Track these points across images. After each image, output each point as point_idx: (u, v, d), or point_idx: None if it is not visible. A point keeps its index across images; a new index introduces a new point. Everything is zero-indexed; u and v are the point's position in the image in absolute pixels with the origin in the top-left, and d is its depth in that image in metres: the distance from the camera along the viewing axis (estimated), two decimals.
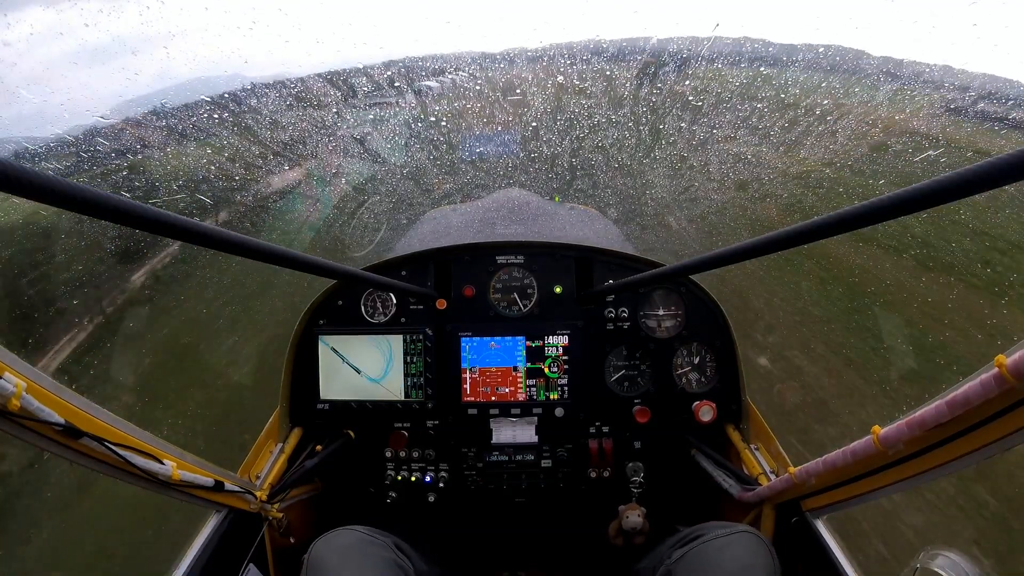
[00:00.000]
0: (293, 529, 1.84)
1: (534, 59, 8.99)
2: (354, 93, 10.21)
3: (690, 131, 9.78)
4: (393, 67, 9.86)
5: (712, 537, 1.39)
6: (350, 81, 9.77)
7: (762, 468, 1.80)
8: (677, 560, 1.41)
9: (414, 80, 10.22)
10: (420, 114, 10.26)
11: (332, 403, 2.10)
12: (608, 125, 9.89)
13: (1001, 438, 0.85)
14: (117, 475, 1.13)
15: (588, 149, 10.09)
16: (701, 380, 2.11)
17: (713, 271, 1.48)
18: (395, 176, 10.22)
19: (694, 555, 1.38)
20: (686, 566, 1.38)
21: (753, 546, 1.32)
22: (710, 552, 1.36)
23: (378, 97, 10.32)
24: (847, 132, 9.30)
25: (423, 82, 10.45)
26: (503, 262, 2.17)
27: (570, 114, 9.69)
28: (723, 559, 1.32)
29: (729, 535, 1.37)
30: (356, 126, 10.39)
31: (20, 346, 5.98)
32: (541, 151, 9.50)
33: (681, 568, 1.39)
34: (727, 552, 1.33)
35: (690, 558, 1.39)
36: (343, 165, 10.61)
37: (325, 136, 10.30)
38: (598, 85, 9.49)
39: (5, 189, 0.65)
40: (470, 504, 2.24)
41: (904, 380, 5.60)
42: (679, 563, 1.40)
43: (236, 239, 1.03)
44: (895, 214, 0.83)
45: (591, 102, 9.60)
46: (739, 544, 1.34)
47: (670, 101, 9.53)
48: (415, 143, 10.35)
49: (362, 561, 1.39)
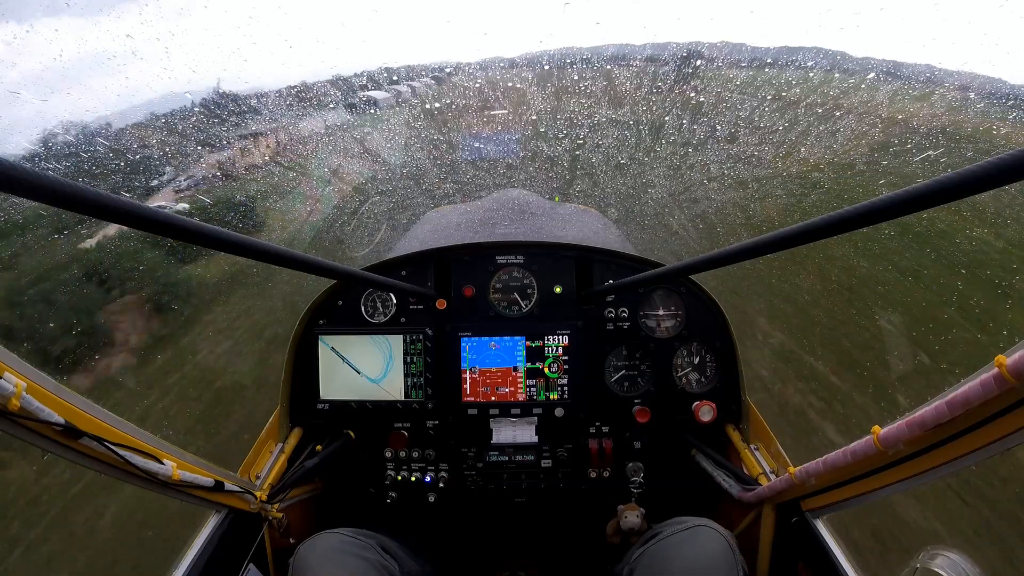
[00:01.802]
0: (293, 529, 1.84)
1: (533, 61, 9.03)
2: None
3: (690, 130, 9.79)
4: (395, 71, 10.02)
5: (669, 534, 1.39)
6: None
7: (762, 468, 1.80)
8: (637, 559, 1.42)
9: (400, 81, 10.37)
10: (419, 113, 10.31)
11: (332, 403, 2.10)
12: (608, 125, 9.90)
13: (1001, 438, 0.85)
14: (117, 475, 1.13)
15: (588, 149, 10.11)
16: (701, 380, 2.11)
17: (713, 271, 1.48)
18: (395, 176, 10.24)
19: (652, 553, 1.39)
20: (645, 565, 1.38)
21: (712, 540, 1.33)
22: (668, 549, 1.36)
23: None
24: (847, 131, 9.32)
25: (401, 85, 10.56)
26: (503, 262, 2.16)
27: (571, 114, 9.69)
28: (681, 555, 1.32)
29: (685, 530, 1.37)
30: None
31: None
32: (541, 151, 9.50)
33: (641, 567, 1.39)
34: (684, 548, 1.34)
35: (648, 556, 1.39)
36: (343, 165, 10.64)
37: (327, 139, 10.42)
38: (598, 84, 9.50)
39: (5, 189, 0.65)
40: (470, 504, 2.24)
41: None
42: (639, 561, 1.41)
43: (236, 239, 1.03)
44: (895, 214, 0.83)
45: (591, 101, 9.61)
46: (696, 539, 1.34)
47: (670, 102, 9.55)
48: (416, 144, 10.38)
49: (345, 563, 1.39)
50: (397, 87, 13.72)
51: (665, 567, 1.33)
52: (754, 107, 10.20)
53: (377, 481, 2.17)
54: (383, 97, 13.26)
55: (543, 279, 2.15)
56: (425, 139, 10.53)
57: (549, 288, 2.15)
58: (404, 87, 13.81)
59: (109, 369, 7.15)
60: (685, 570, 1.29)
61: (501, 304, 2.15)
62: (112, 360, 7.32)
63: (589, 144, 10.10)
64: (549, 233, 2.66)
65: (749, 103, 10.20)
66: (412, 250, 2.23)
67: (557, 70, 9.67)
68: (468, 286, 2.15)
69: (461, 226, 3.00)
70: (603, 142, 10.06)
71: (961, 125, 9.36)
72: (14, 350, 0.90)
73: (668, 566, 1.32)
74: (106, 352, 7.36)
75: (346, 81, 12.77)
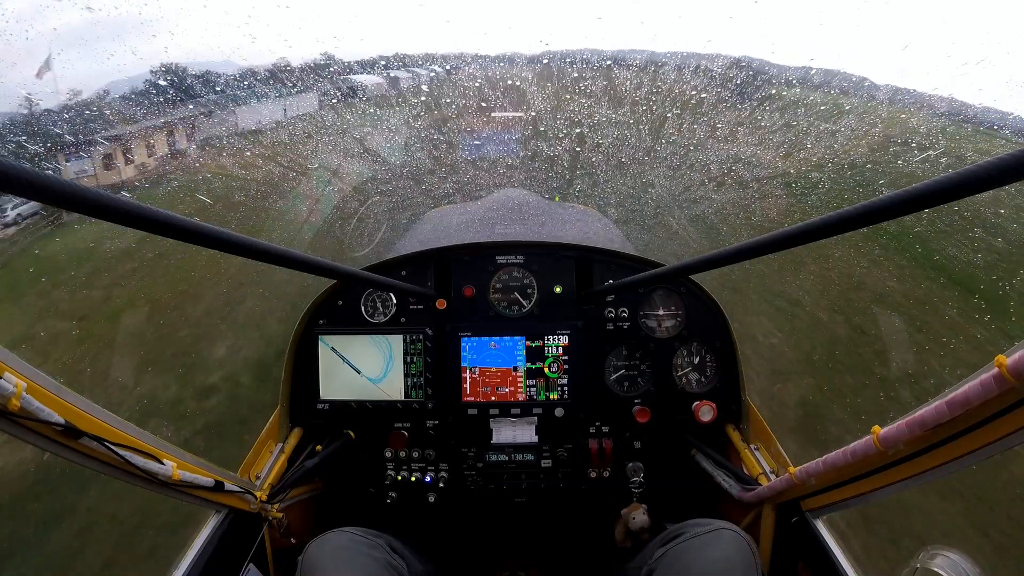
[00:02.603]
0: (293, 529, 1.84)
1: (532, 61, 9.04)
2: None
3: (691, 130, 9.80)
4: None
5: (692, 535, 1.38)
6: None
7: (762, 468, 1.80)
8: (658, 559, 1.41)
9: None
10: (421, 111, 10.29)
11: (332, 403, 2.10)
12: (608, 124, 9.91)
13: (1001, 438, 0.85)
14: (117, 475, 1.13)
15: (588, 148, 10.11)
16: (701, 380, 2.11)
17: (713, 271, 1.48)
18: (396, 175, 10.24)
19: (675, 553, 1.38)
20: (667, 565, 1.38)
21: (734, 543, 1.32)
22: (690, 550, 1.36)
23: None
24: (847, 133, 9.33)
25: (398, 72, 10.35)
26: (503, 262, 2.16)
27: (572, 114, 9.70)
28: (704, 557, 1.32)
29: (709, 532, 1.36)
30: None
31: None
32: (542, 150, 9.51)
33: (662, 567, 1.38)
34: (707, 550, 1.33)
35: (671, 557, 1.38)
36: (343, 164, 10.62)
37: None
38: (599, 84, 9.51)
39: (5, 189, 0.65)
40: (470, 504, 2.24)
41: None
42: (660, 561, 1.40)
43: (236, 239, 1.03)
44: (895, 214, 0.83)
45: (591, 101, 9.62)
46: (720, 541, 1.33)
47: (669, 101, 9.56)
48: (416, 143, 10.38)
49: (355, 561, 1.39)
50: (395, 72, 13.47)
51: (687, 568, 1.33)
52: (754, 107, 10.22)
53: (377, 481, 2.17)
54: (374, 83, 13.03)
55: (543, 279, 2.15)
56: (424, 137, 10.52)
57: (549, 288, 2.15)
58: (404, 73, 13.59)
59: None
60: (707, 571, 1.29)
61: (501, 304, 2.15)
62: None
63: (589, 143, 10.10)
64: (549, 233, 2.66)
65: (748, 104, 10.22)
66: (412, 250, 2.23)
67: (558, 69, 9.66)
68: (468, 286, 2.15)
69: (461, 226, 3.00)
70: (603, 142, 10.07)
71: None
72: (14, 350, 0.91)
73: (690, 567, 1.32)
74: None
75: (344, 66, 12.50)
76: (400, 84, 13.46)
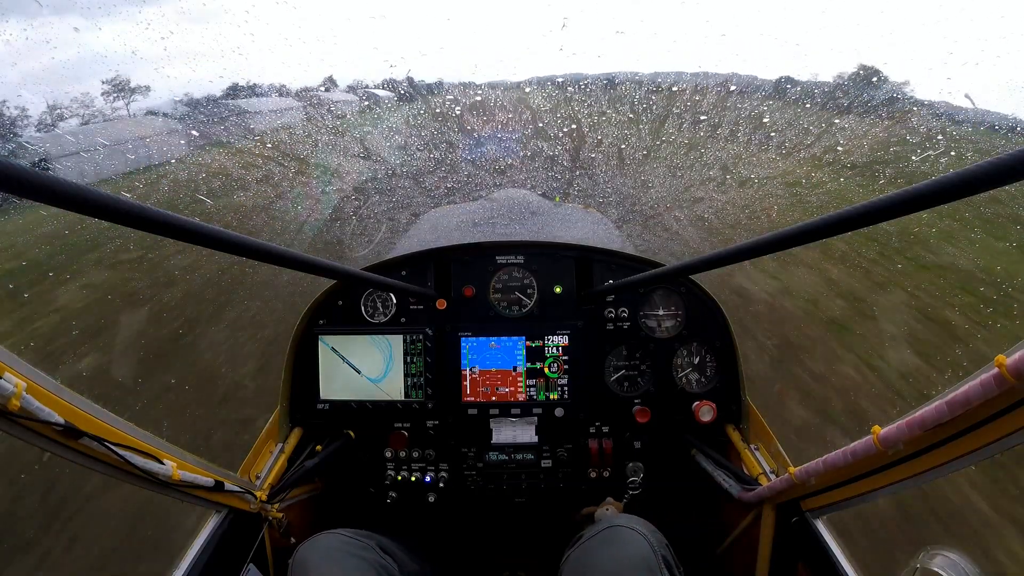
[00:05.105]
0: (293, 529, 1.84)
1: None
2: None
3: (691, 130, 9.81)
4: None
5: (590, 535, 1.39)
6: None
7: (762, 468, 1.80)
8: (565, 561, 1.42)
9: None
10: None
11: (332, 403, 2.10)
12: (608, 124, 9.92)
13: (1001, 438, 0.85)
14: (117, 475, 1.13)
15: (589, 148, 10.12)
16: (701, 380, 2.11)
17: (713, 271, 1.48)
18: (394, 174, 10.24)
19: (577, 555, 1.39)
20: (571, 567, 1.38)
21: (627, 539, 1.32)
22: (589, 551, 1.36)
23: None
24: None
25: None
26: (503, 262, 2.16)
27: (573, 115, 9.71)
28: (600, 556, 1.32)
29: (604, 530, 1.37)
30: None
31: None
32: (543, 152, 9.52)
33: (567, 570, 1.39)
34: (604, 549, 1.33)
35: (573, 559, 1.39)
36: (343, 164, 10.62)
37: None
38: None
39: (5, 189, 0.65)
40: (470, 504, 2.24)
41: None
42: (566, 564, 1.41)
43: (236, 239, 1.03)
44: (895, 214, 0.83)
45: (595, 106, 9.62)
46: (614, 538, 1.34)
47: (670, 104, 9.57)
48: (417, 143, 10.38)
49: (345, 563, 1.39)
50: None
51: (588, 569, 1.32)
52: (754, 106, 10.23)
53: (377, 481, 2.17)
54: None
55: (543, 279, 2.15)
56: (426, 138, 10.53)
57: (549, 288, 2.15)
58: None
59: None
60: (605, 569, 1.27)
61: (501, 304, 2.15)
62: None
63: (590, 142, 10.11)
64: (549, 233, 2.66)
65: (749, 103, 10.24)
66: (412, 250, 2.23)
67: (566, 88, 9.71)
68: (468, 286, 2.15)
69: (461, 226, 3.01)
70: (603, 141, 10.08)
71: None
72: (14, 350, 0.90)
73: (590, 568, 1.31)
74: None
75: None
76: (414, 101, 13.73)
